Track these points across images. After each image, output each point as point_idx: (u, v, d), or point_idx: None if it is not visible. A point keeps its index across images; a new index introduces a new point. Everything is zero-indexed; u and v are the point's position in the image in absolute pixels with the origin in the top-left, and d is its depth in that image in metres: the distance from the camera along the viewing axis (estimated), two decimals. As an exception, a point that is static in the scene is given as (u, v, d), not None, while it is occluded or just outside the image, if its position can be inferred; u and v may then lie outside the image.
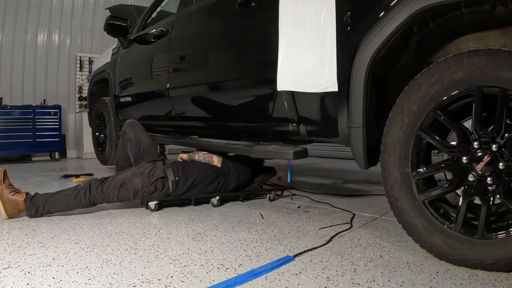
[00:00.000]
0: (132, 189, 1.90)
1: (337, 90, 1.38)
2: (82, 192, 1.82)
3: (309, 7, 1.44)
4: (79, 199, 1.81)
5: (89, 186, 1.84)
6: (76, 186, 1.85)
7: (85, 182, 1.87)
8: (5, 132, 4.50)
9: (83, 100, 5.41)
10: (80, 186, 1.84)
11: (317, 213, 1.88)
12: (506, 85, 1.03)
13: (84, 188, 1.83)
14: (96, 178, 1.90)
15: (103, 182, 1.87)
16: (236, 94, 1.98)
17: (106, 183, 1.87)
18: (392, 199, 1.26)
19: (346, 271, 1.13)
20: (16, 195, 1.74)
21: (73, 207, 1.82)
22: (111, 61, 3.30)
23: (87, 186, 1.84)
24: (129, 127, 2.25)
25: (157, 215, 1.85)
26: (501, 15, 1.12)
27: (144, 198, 1.94)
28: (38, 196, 1.79)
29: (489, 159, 1.07)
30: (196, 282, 1.07)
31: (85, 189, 1.83)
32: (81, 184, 1.86)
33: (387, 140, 1.25)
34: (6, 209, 1.72)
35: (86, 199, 1.82)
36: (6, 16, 4.78)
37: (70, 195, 1.80)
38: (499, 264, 1.06)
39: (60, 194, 1.82)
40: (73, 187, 1.86)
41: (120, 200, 1.91)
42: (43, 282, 1.06)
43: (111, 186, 1.87)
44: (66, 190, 1.84)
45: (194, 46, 2.25)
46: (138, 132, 2.22)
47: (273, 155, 1.79)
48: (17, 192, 1.76)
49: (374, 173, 2.65)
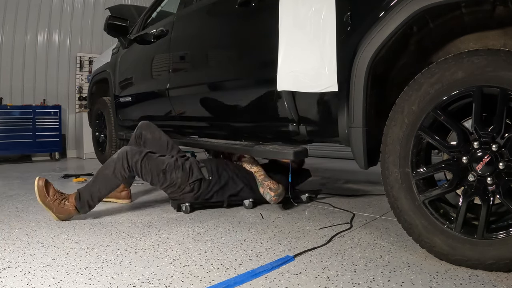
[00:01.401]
0: (169, 182, 1.84)
1: (337, 90, 1.38)
2: (119, 165, 1.76)
3: (309, 7, 1.44)
4: (118, 173, 1.76)
5: (126, 157, 1.77)
6: (109, 163, 1.79)
7: (118, 154, 1.79)
8: (5, 132, 4.50)
9: (83, 100, 5.40)
10: (114, 160, 1.78)
11: (317, 213, 1.88)
12: (506, 85, 1.03)
13: (120, 159, 1.77)
14: (132, 148, 1.83)
15: (144, 156, 1.80)
16: (236, 94, 1.98)
17: (148, 160, 1.80)
18: (392, 199, 1.26)
19: (346, 271, 1.13)
20: (65, 203, 1.72)
21: (117, 183, 1.80)
22: (111, 61, 3.30)
23: (124, 157, 1.77)
24: (145, 129, 2.18)
25: (157, 215, 1.85)
26: (501, 15, 1.12)
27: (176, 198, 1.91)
28: (83, 192, 1.76)
29: (489, 159, 1.07)
30: (196, 282, 1.07)
31: (122, 160, 1.76)
32: (114, 157, 1.79)
33: (387, 140, 1.25)
34: (60, 217, 1.73)
35: (126, 170, 1.77)
36: (6, 16, 4.78)
37: (108, 174, 1.76)
38: (499, 264, 1.06)
39: (99, 178, 1.78)
40: (106, 164, 1.80)
41: (150, 183, 1.85)
42: (43, 282, 1.06)
43: (152, 166, 1.81)
44: (101, 171, 1.79)
45: (194, 46, 2.25)
46: (155, 132, 2.18)
47: (273, 155, 1.79)
48: (65, 199, 1.74)
49: (374, 173, 2.65)
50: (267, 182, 1.89)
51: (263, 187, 1.90)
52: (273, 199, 1.87)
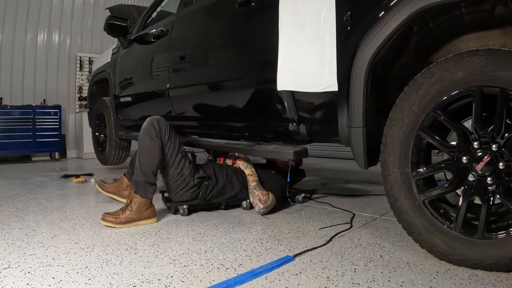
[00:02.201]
0: (181, 168, 1.84)
1: (337, 90, 1.38)
2: (152, 132, 1.75)
3: (309, 7, 1.44)
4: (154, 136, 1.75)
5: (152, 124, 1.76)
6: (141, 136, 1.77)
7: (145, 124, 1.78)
8: (5, 132, 4.50)
9: (83, 100, 5.40)
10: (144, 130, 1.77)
11: (317, 213, 1.88)
12: (506, 85, 1.03)
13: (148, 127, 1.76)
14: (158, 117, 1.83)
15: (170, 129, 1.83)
16: (236, 94, 1.98)
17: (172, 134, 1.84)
18: (392, 199, 1.26)
19: (346, 271, 1.13)
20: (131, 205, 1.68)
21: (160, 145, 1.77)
22: (111, 61, 3.30)
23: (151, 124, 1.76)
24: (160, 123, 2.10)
25: (157, 215, 1.85)
26: (501, 15, 1.12)
27: (175, 194, 1.88)
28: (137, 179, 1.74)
29: (489, 159, 1.07)
30: (196, 282, 1.07)
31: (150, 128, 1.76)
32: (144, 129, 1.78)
33: (387, 140, 1.25)
34: (148, 219, 1.70)
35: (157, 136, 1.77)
36: (6, 16, 4.78)
37: (148, 144, 1.75)
38: (499, 264, 1.06)
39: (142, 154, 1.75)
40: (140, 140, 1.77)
41: (166, 159, 1.82)
42: (43, 282, 1.06)
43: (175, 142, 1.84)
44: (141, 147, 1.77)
45: (194, 46, 2.24)
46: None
47: (273, 154, 1.79)
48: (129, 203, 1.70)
49: (374, 173, 2.65)
50: (258, 192, 1.85)
51: (253, 196, 1.86)
52: (261, 211, 1.82)
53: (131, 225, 1.64)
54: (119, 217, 1.63)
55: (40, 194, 2.44)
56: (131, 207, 1.67)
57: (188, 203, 1.87)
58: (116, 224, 1.62)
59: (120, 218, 1.63)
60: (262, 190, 1.87)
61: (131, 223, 1.64)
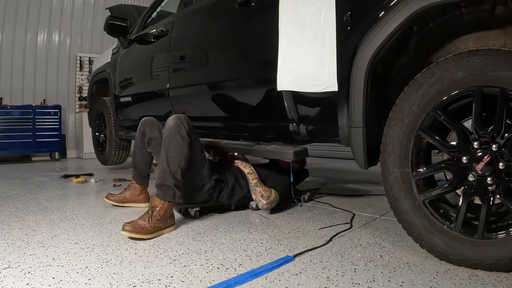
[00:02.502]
0: (200, 169, 1.77)
1: (337, 90, 1.38)
2: (183, 130, 1.66)
3: (309, 7, 1.44)
4: (185, 134, 1.66)
5: (182, 123, 1.68)
6: (170, 135, 1.65)
7: (174, 122, 1.67)
8: (5, 132, 4.50)
9: (83, 100, 5.41)
10: (173, 128, 1.66)
11: (317, 213, 1.88)
12: (506, 85, 1.03)
13: (178, 125, 1.66)
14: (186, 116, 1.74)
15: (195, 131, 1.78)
16: (236, 94, 1.98)
17: (197, 136, 1.79)
18: (392, 199, 1.26)
19: (346, 271, 1.13)
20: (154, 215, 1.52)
21: (189, 150, 1.67)
22: (111, 61, 3.30)
23: (181, 123, 1.67)
24: (149, 126, 2.00)
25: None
26: (501, 15, 1.12)
27: (193, 195, 1.79)
28: (163, 182, 1.60)
29: (489, 159, 1.07)
30: (196, 282, 1.07)
31: (180, 126, 1.66)
32: (171, 128, 1.66)
33: (387, 140, 1.25)
34: (170, 230, 1.57)
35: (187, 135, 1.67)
36: (6, 16, 4.78)
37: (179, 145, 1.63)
38: (499, 264, 1.06)
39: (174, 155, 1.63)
40: (169, 139, 1.65)
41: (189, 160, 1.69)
42: (43, 282, 1.06)
43: (200, 144, 1.81)
44: (169, 147, 1.64)
45: (194, 46, 2.24)
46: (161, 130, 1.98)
47: (273, 154, 1.79)
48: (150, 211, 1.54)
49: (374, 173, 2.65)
50: (260, 189, 1.84)
51: (255, 194, 1.85)
52: (265, 207, 1.82)
53: (158, 234, 1.50)
54: (145, 226, 1.47)
55: (40, 194, 2.44)
56: (158, 214, 1.52)
57: (200, 205, 1.81)
58: (143, 235, 1.45)
59: (146, 228, 1.46)
60: (263, 186, 1.87)
61: (157, 232, 1.50)
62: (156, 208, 1.54)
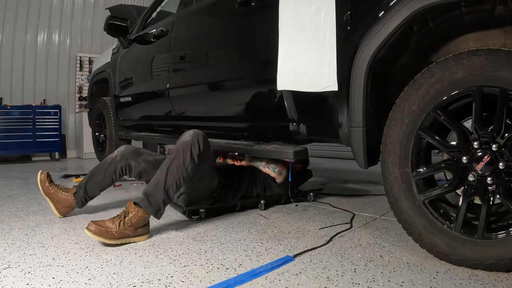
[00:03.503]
0: (210, 183, 1.76)
1: (337, 90, 1.38)
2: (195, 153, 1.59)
3: (309, 7, 1.44)
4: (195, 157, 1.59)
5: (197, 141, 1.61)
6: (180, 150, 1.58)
7: (192, 138, 1.60)
8: (5, 132, 4.50)
9: (83, 100, 5.41)
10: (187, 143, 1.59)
11: (317, 213, 1.88)
12: (506, 85, 1.03)
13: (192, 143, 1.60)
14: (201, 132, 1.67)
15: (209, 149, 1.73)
16: (236, 94, 1.98)
17: (211, 155, 1.78)
18: (392, 199, 1.26)
19: (346, 271, 1.13)
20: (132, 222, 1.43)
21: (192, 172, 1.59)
22: (111, 61, 3.30)
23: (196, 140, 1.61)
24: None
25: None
26: (501, 15, 1.12)
27: (199, 201, 1.78)
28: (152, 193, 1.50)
29: (489, 159, 1.07)
30: (196, 282, 1.07)
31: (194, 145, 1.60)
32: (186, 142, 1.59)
33: (387, 140, 1.25)
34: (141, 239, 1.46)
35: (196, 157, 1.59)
36: (6, 16, 4.78)
37: (185, 163, 1.56)
38: (499, 264, 1.06)
39: (175, 171, 1.54)
40: (177, 153, 1.57)
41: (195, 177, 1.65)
42: (43, 282, 1.06)
43: (212, 161, 1.80)
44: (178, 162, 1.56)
45: (194, 46, 2.24)
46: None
47: (273, 154, 1.79)
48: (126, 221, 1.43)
49: (374, 173, 2.65)
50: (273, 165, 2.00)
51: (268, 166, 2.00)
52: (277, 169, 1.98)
53: (123, 241, 1.40)
54: (111, 230, 1.38)
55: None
56: (130, 220, 1.42)
57: (204, 206, 1.79)
58: (106, 239, 1.37)
59: (112, 232, 1.38)
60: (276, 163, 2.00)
61: (123, 239, 1.40)
62: (130, 214, 1.44)
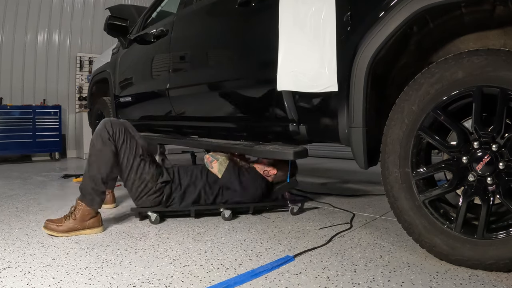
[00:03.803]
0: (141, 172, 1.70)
1: (337, 90, 1.38)
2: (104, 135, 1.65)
3: (309, 7, 1.44)
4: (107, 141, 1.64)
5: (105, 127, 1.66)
6: (93, 140, 1.65)
7: (99, 127, 1.67)
8: (5, 132, 4.50)
9: (83, 100, 5.41)
10: (97, 133, 1.66)
11: (317, 213, 1.88)
12: (506, 85, 1.03)
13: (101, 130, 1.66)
14: (112, 119, 1.72)
15: (125, 131, 1.71)
16: (236, 94, 1.98)
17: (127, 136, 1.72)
18: (392, 199, 1.26)
19: (346, 271, 1.13)
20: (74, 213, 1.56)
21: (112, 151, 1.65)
22: (111, 61, 3.30)
23: (103, 127, 1.66)
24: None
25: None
26: (501, 15, 1.12)
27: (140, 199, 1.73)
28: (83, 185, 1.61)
29: (489, 159, 1.07)
30: (196, 282, 1.07)
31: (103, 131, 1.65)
32: (96, 132, 1.66)
33: (387, 140, 1.25)
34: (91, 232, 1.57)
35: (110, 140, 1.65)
36: (6, 16, 4.78)
37: (100, 149, 1.63)
38: (499, 264, 1.06)
39: (92, 160, 1.65)
40: (92, 144, 1.65)
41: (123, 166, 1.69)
42: (43, 282, 1.06)
43: (131, 145, 1.71)
44: (92, 153, 1.66)
45: (194, 46, 2.24)
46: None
47: (273, 155, 1.79)
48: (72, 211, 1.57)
49: (374, 173, 2.65)
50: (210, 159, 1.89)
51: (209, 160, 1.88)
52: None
53: (73, 234, 1.52)
54: (61, 225, 1.52)
55: (40, 194, 2.44)
56: (75, 215, 1.55)
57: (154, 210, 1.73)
58: (57, 233, 1.50)
59: (62, 226, 1.51)
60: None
61: (73, 232, 1.53)
62: (75, 209, 1.57)
